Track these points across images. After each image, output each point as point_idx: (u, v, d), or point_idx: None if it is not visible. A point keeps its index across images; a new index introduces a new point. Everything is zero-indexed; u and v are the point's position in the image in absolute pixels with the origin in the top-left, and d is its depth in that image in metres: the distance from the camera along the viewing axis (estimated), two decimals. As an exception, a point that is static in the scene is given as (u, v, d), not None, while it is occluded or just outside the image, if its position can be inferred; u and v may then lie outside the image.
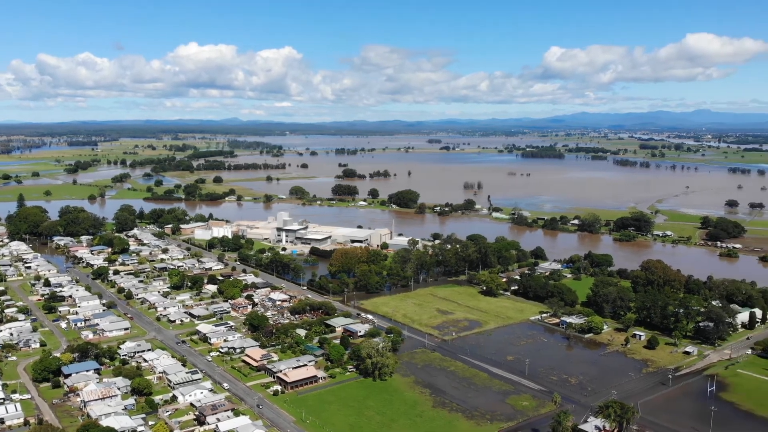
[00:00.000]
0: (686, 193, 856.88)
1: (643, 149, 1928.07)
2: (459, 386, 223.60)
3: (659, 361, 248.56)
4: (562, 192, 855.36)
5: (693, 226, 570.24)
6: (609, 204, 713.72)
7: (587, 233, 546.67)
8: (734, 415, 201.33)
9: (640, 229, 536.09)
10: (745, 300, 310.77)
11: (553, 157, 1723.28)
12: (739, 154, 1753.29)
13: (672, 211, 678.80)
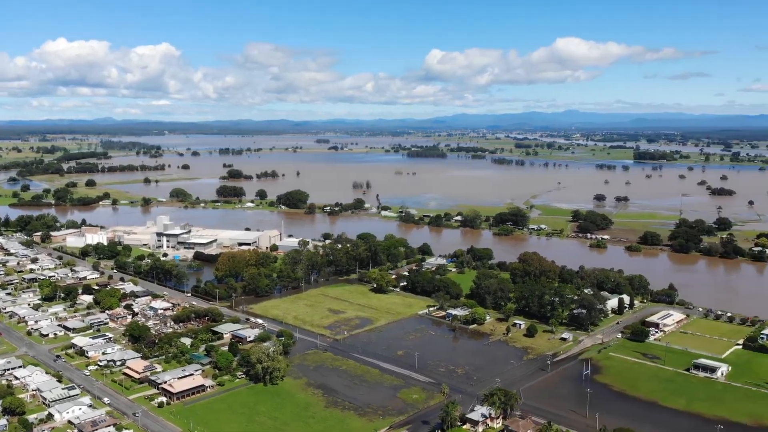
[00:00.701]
0: (558, 189, 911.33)
1: (519, 148, 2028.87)
2: (351, 384, 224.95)
3: (538, 348, 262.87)
4: (445, 190, 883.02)
5: (565, 219, 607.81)
6: (488, 200, 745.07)
7: (469, 229, 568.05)
8: (608, 395, 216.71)
9: (517, 224, 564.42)
10: (614, 287, 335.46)
11: (437, 156, 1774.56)
12: (606, 151, 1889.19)
13: (546, 206, 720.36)
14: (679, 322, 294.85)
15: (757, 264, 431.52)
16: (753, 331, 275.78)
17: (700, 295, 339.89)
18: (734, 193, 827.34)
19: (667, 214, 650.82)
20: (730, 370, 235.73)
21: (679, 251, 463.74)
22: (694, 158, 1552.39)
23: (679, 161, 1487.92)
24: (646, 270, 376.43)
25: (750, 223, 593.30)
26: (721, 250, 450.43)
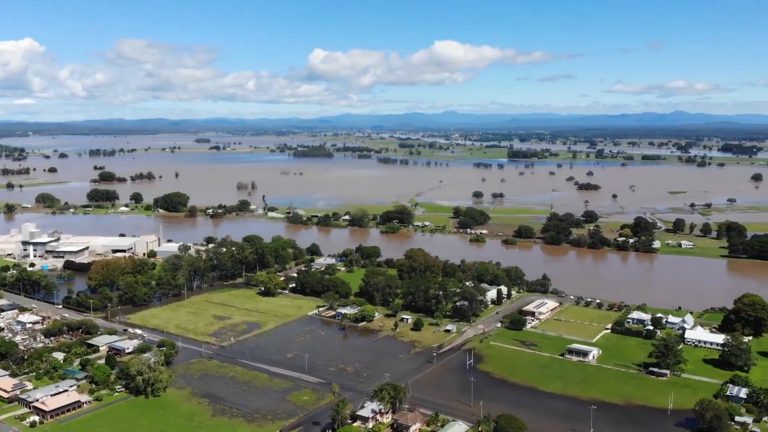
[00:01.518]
0: (440, 187, 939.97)
1: (402, 148, 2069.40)
2: (239, 391, 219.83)
3: (425, 341, 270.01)
4: (333, 189, 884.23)
5: (447, 216, 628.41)
6: (375, 199, 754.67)
7: (357, 228, 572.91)
8: (490, 383, 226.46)
9: (403, 221, 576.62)
10: (492, 279, 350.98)
11: (323, 156, 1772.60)
12: (482, 150, 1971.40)
13: (429, 203, 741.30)
14: (553, 309, 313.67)
15: (621, 253, 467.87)
16: (620, 316, 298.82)
17: (572, 284, 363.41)
18: (599, 188, 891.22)
19: (539, 208, 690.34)
20: (601, 354, 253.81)
21: (550, 243, 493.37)
22: (562, 156, 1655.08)
23: (549, 159, 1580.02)
24: (522, 262, 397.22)
25: (614, 215, 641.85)
26: (589, 241, 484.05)
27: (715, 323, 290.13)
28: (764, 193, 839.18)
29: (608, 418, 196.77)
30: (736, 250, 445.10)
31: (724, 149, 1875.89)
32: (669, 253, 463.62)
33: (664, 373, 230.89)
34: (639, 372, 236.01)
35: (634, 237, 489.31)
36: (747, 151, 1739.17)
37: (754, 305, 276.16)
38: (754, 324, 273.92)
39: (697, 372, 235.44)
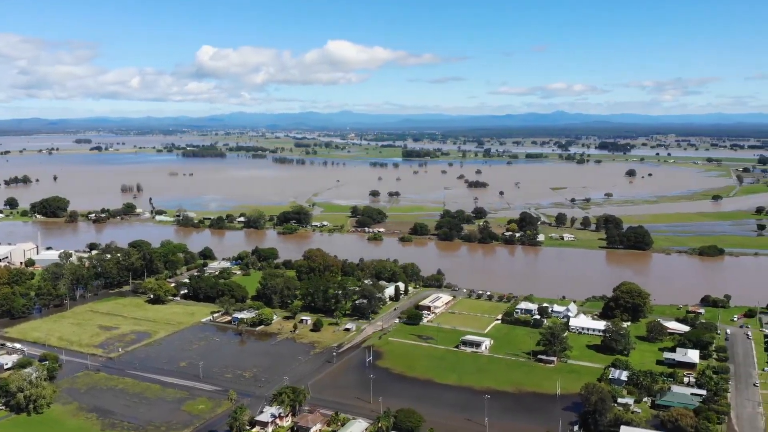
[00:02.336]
0: (338, 186, 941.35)
1: (298, 147, 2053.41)
2: (130, 403, 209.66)
3: (324, 341, 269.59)
4: (226, 190, 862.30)
5: (345, 215, 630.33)
6: (272, 200, 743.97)
7: (253, 229, 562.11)
8: (389, 378, 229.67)
9: (301, 222, 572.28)
10: (390, 276, 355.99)
11: (215, 156, 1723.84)
12: (378, 150, 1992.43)
13: (327, 203, 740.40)
14: (447, 303, 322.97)
15: (508, 247, 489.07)
16: (509, 307, 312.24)
17: (464, 278, 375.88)
18: (488, 185, 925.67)
19: (432, 206, 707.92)
20: (493, 344, 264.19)
21: (444, 239, 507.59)
22: (453, 155, 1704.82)
23: (441, 158, 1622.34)
24: (418, 258, 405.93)
25: (501, 211, 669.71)
26: (479, 236, 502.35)
27: (597, 311, 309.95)
28: (637, 188, 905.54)
29: (501, 406, 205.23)
30: (613, 242, 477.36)
31: (600, 147, 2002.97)
32: (552, 245, 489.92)
33: (551, 360, 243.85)
34: (528, 360, 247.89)
35: (520, 231, 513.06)
36: (621, 149, 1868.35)
37: (631, 293, 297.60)
38: (632, 310, 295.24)
39: (581, 357, 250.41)
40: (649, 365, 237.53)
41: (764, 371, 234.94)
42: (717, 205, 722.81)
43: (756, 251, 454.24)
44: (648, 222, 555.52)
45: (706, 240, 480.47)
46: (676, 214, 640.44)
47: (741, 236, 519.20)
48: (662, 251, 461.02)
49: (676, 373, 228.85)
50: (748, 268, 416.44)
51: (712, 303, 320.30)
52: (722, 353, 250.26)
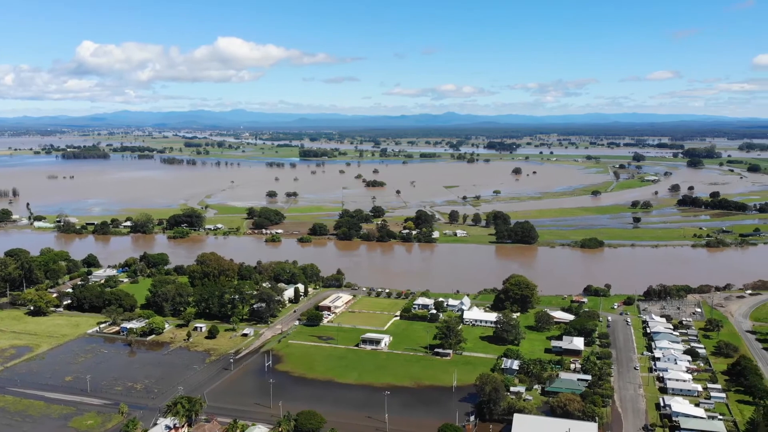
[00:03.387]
0: (232, 187, 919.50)
1: (189, 147, 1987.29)
2: (12, 422, 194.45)
3: (221, 348, 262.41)
4: (111, 194, 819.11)
5: (241, 217, 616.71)
6: (161, 202, 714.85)
7: (141, 234, 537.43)
8: (289, 382, 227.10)
9: (193, 225, 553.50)
10: (289, 278, 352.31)
11: (98, 157, 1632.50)
12: (274, 149, 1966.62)
13: (221, 205, 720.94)
14: (347, 302, 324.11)
15: (406, 244, 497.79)
16: (407, 303, 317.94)
17: (364, 276, 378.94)
18: (385, 185, 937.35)
19: (331, 206, 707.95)
20: (392, 340, 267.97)
21: (343, 239, 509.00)
22: (350, 155, 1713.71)
23: (338, 158, 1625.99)
24: (317, 258, 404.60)
25: (398, 209, 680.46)
26: (377, 234, 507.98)
27: (488, 303, 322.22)
28: (524, 185, 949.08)
29: (401, 401, 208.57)
30: (502, 236, 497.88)
31: (489, 146, 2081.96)
32: (447, 241, 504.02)
33: (447, 353, 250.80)
34: (426, 354, 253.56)
35: (417, 229, 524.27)
36: (508, 148, 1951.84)
37: (519, 285, 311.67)
38: (521, 301, 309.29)
39: (475, 349, 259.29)
40: (538, 354, 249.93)
41: (643, 355, 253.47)
42: (596, 200, 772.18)
43: (632, 242, 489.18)
44: (534, 217, 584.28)
45: (587, 233, 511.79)
46: (559, 209, 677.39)
47: (619, 229, 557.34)
48: (547, 244, 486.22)
49: (564, 360, 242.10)
50: (625, 258, 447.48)
51: (594, 292, 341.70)
52: (605, 340, 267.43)
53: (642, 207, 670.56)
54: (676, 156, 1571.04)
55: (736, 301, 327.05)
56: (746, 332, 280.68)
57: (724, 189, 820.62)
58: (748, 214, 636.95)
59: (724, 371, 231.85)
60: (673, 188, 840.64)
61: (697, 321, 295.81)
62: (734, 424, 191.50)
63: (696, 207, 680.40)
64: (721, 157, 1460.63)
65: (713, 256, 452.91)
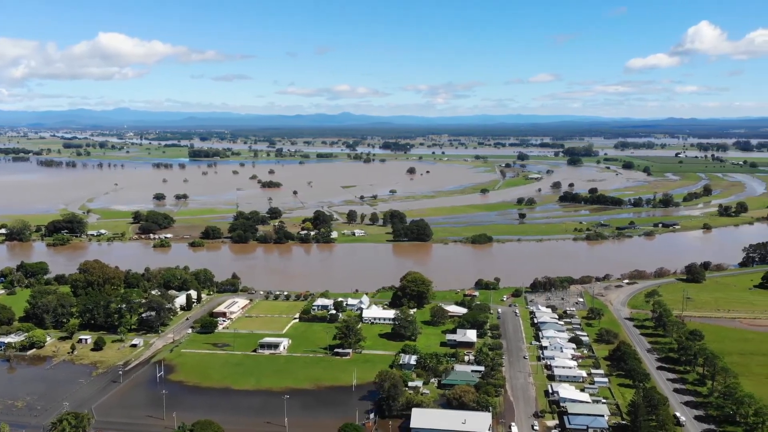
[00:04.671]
0: (116, 190, 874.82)
1: (68, 148, 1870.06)
2: None
3: (108, 360, 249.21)
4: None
5: (126, 221, 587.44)
6: (39, 208, 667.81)
7: (17, 242, 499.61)
8: (183, 392, 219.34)
9: (74, 231, 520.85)
10: (181, 284, 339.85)
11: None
12: (161, 149, 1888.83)
13: (104, 209, 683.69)
14: (244, 307, 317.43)
15: (304, 245, 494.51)
16: (306, 305, 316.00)
17: (261, 280, 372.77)
18: (281, 185, 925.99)
19: (225, 208, 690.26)
20: (291, 343, 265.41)
21: (238, 242, 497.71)
22: (244, 155, 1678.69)
23: (231, 158, 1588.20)
24: (211, 263, 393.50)
25: (296, 210, 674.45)
26: (275, 236, 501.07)
27: (387, 300, 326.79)
28: (418, 184, 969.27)
29: (301, 403, 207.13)
30: (399, 235, 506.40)
31: (384, 147, 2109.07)
32: (345, 241, 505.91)
33: (347, 352, 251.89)
34: (326, 355, 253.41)
35: (315, 229, 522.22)
36: (402, 148, 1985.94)
37: (416, 281, 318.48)
38: (417, 297, 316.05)
39: (374, 347, 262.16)
40: (434, 347, 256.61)
41: (531, 344, 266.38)
42: (485, 197, 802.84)
43: (519, 237, 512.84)
44: (428, 215, 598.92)
45: (477, 229, 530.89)
46: (451, 207, 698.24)
47: (506, 225, 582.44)
48: (441, 241, 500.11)
49: (458, 353, 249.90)
50: (513, 252, 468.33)
51: (485, 286, 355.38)
52: (495, 331, 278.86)
53: (527, 204, 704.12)
54: (557, 155, 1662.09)
55: (614, 291, 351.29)
56: (625, 319, 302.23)
57: (601, 185, 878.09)
58: (623, 209, 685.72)
59: (605, 357, 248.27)
60: (555, 185, 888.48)
61: (580, 310, 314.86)
62: (617, 407, 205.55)
63: (576, 203, 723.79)
64: (598, 156, 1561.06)
65: (593, 249, 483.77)
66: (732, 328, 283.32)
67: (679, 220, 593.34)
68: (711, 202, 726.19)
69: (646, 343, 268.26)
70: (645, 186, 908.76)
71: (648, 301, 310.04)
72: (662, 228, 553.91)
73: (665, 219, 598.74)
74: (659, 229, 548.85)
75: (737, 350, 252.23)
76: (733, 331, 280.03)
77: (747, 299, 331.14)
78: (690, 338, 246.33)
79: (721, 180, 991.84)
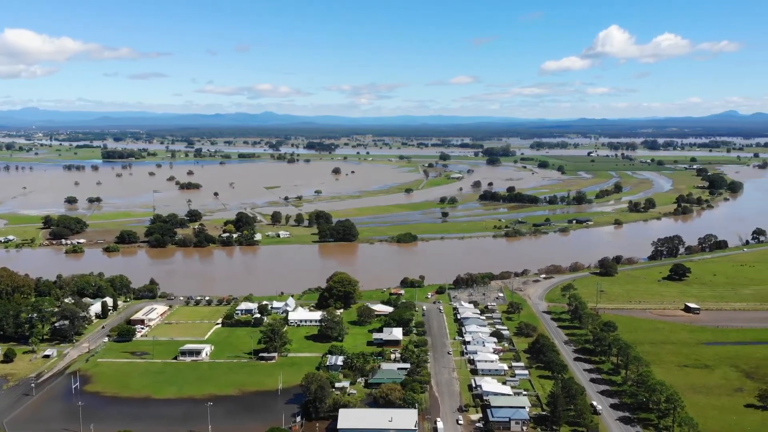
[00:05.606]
0: (25, 194, 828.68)
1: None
2: None
3: (19, 372, 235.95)
4: None
5: (35, 227, 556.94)
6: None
7: None
8: (101, 403, 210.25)
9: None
10: (95, 291, 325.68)
11: None
12: (72, 151, 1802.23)
13: (11, 214, 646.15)
14: (163, 314, 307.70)
15: (226, 248, 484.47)
16: (229, 309, 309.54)
17: (181, 285, 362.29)
18: (201, 187, 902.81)
19: (141, 211, 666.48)
20: (213, 349, 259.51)
21: (156, 246, 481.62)
22: (161, 155, 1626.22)
23: (148, 159, 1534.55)
24: (127, 269, 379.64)
25: (217, 212, 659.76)
26: (195, 239, 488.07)
27: (313, 302, 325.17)
28: (343, 185, 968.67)
29: (225, 410, 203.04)
30: (324, 235, 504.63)
31: (308, 147, 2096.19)
32: (270, 243, 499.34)
33: (272, 356, 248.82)
34: (251, 360, 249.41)
35: (238, 232, 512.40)
36: (327, 148, 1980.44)
37: (342, 282, 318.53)
38: (344, 298, 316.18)
39: (301, 349, 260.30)
40: (361, 347, 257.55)
41: (455, 340, 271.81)
42: (409, 197, 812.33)
43: (442, 236, 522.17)
44: (354, 215, 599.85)
45: (402, 228, 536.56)
46: (376, 207, 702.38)
47: (429, 223, 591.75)
48: (367, 241, 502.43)
49: (385, 351, 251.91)
50: (436, 250, 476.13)
51: (410, 284, 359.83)
52: (421, 328, 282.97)
53: (449, 202, 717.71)
54: (477, 155, 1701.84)
55: (532, 285, 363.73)
56: (543, 313, 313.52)
57: (518, 184, 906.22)
58: (539, 206, 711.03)
59: (525, 350, 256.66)
60: (475, 184, 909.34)
61: (501, 305, 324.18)
62: (537, 398, 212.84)
63: (495, 201, 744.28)
64: (515, 155, 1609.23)
65: (511, 245, 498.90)
66: (643, 319, 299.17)
67: (592, 216, 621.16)
68: (621, 198, 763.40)
69: (563, 336, 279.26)
70: (559, 184, 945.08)
71: (564, 295, 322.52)
72: (576, 224, 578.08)
73: (579, 215, 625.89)
74: (573, 226, 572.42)
75: (648, 340, 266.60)
76: (644, 321, 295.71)
77: (656, 291, 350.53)
78: (604, 329, 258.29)
79: (631, 178, 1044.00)
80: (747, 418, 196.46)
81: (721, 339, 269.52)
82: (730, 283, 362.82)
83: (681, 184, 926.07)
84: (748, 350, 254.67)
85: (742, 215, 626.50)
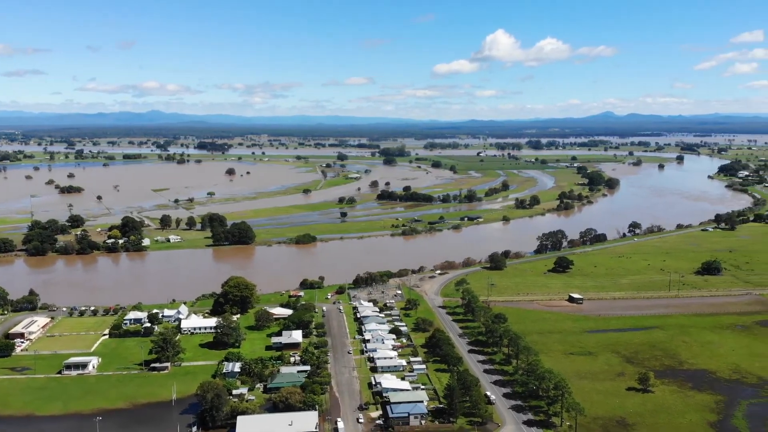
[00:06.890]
0: None
1: None
2: None
3: None
4: None
5: None
6: None
7: None
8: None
9: None
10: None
11: None
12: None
13: None
14: (44, 326, 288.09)
15: (112, 255, 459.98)
16: (116, 319, 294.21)
17: (64, 295, 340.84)
18: (83, 190, 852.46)
19: (18, 217, 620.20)
20: (101, 362, 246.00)
21: (35, 254, 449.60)
22: (39, 157, 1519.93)
23: (24, 161, 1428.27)
24: (3, 279, 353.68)
25: (101, 217, 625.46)
26: (77, 246, 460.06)
27: (208, 308, 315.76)
28: (238, 186, 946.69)
29: (115, 424, 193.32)
30: (219, 239, 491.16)
31: (200, 147, 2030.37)
32: (159, 249, 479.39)
33: (165, 366, 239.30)
34: (141, 371, 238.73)
35: (124, 237, 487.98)
36: (220, 148, 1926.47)
37: (239, 286, 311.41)
38: (241, 302, 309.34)
39: (195, 358, 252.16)
40: (259, 352, 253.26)
41: (355, 339, 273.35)
42: (308, 197, 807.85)
43: (341, 236, 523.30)
44: (250, 217, 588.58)
45: (300, 229, 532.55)
46: (274, 208, 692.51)
47: (328, 224, 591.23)
48: (264, 243, 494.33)
49: (284, 355, 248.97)
50: (336, 250, 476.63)
51: (310, 285, 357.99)
52: (321, 329, 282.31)
53: (347, 202, 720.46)
54: (374, 155, 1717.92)
55: (428, 281, 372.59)
56: (438, 307, 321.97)
57: (414, 183, 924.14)
58: (434, 205, 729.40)
59: (423, 344, 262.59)
60: (373, 184, 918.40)
61: (399, 302, 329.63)
62: (434, 392, 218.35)
63: (392, 200, 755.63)
64: (410, 156, 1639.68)
65: (408, 243, 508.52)
66: (531, 310, 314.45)
67: (482, 213, 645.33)
68: (509, 196, 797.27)
69: (458, 329, 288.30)
70: (452, 183, 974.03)
71: (458, 289, 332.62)
72: (468, 221, 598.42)
73: (470, 213, 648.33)
74: (465, 223, 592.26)
75: (536, 330, 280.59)
76: (532, 312, 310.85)
77: (542, 283, 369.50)
78: (495, 321, 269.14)
79: (517, 176, 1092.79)
80: (628, 400, 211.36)
81: (602, 327, 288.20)
82: (609, 274, 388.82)
83: (563, 181, 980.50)
84: (627, 336, 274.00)
85: (619, 210, 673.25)
